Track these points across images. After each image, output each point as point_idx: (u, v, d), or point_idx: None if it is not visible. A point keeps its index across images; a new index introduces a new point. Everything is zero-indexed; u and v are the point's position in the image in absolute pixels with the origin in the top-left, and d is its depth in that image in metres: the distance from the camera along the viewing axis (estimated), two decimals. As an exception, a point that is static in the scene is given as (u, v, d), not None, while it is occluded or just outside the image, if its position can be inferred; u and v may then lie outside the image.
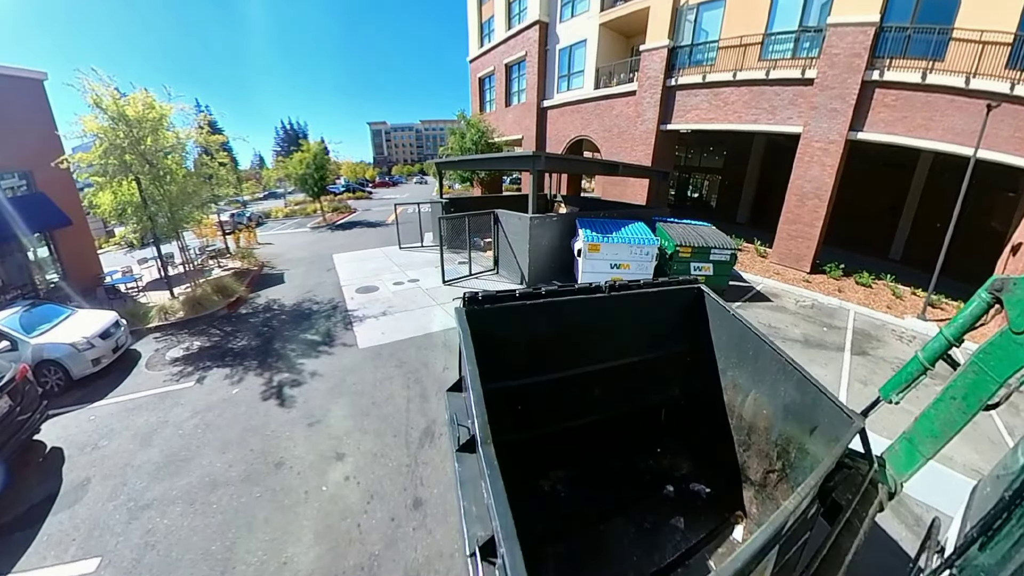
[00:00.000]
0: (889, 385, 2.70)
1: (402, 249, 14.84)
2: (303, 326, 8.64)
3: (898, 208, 15.31)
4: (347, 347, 7.40)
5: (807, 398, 2.77)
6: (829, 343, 8.19)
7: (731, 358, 3.50)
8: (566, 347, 3.50)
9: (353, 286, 10.89)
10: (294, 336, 8.20)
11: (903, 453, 2.48)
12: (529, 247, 9.65)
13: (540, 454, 3.61)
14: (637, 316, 3.66)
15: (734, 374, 3.47)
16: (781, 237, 13.06)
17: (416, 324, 8.00)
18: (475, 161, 13.27)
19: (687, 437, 4.03)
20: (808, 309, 10.05)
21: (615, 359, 3.70)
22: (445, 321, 8.10)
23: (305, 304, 10.04)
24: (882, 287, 11.30)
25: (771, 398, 3.09)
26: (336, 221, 24.20)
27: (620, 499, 3.57)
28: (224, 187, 10.98)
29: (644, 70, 14.86)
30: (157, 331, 9.07)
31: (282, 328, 8.70)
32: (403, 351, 6.95)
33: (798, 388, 2.84)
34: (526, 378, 3.38)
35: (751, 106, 12.93)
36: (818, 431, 2.72)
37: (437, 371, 6.23)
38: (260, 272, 13.68)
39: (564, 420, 3.70)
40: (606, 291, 3.46)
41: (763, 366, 3.13)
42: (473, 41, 25.78)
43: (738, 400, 3.41)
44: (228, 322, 9.40)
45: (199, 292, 10.50)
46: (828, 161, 11.86)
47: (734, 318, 3.34)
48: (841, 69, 11.20)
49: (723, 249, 9.37)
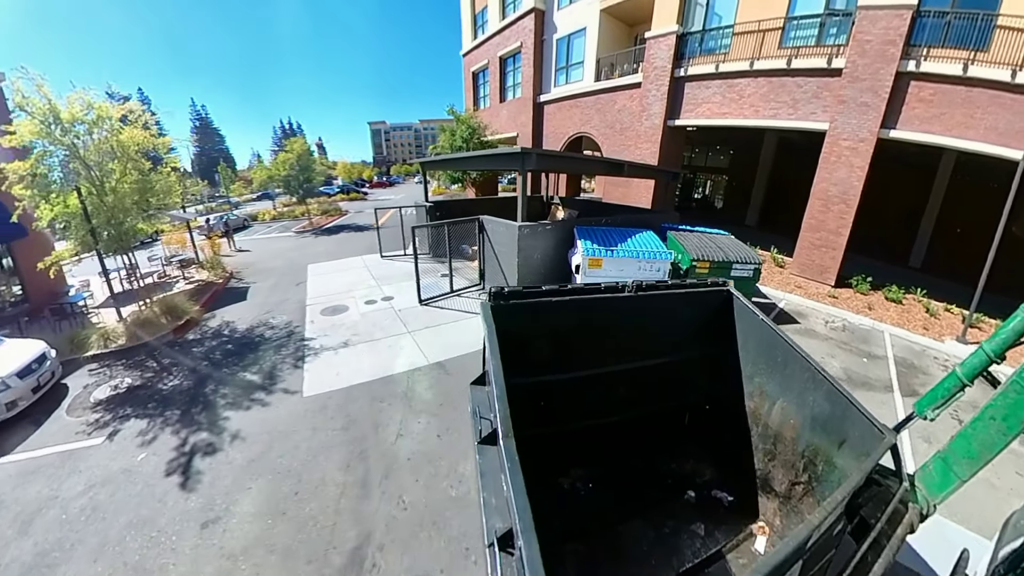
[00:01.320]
0: (925, 400, 2.62)
1: (384, 258, 13.56)
2: (247, 361, 7.35)
3: (918, 212, 14.08)
4: (289, 394, 6.09)
5: (837, 410, 2.68)
6: (874, 380, 6.87)
7: (759, 364, 3.37)
8: (590, 345, 3.45)
9: (319, 305, 9.61)
10: (233, 375, 6.92)
11: (937, 473, 2.38)
12: (518, 261, 8.33)
13: (562, 451, 3.58)
14: (662, 317, 3.56)
15: (761, 381, 3.35)
16: (803, 246, 11.69)
17: (378, 361, 6.70)
18: (459, 160, 11.97)
19: (711, 443, 3.91)
20: (840, 332, 8.73)
21: (639, 360, 3.61)
22: (412, 357, 6.82)
23: (259, 329, 8.76)
24: (913, 302, 10.18)
25: (799, 408, 3.00)
26: (323, 225, 22.93)
27: (640, 501, 3.52)
28: (172, 195, 9.77)
29: (650, 59, 13.45)
30: (95, 361, 7.90)
31: (223, 362, 7.43)
32: (355, 403, 5.65)
33: (828, 399, 2.74)
34: (549, 375, 3.35)
35: (770, 99, 11.54)
36: (847, 445, 2.63)
37: (388, 440, 4.87)
38: (224, 286, 12.43)
39: (586, 418, 3.65)
40: (632, 290, 3.36)
41: (792, 374, 3.02)
42: (466, 33, 24.38)
43: (764, 408, 3.31)
44: (170, 351, 8.18)
45: (147, 314, 9.30)
46: (857, 162, 10.50)
47: (763, 323, 3.22)
48: (873, 58, 9.84)
49: (746, 264, 8.04)
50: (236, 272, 14.06)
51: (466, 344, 7.14)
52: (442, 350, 6.93)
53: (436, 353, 6.82)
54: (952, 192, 13.36)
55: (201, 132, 68.13)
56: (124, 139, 8.60)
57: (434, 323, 8.11)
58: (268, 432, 5.33)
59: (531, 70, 18.08)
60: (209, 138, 68.56)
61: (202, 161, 61.14)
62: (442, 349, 6.96)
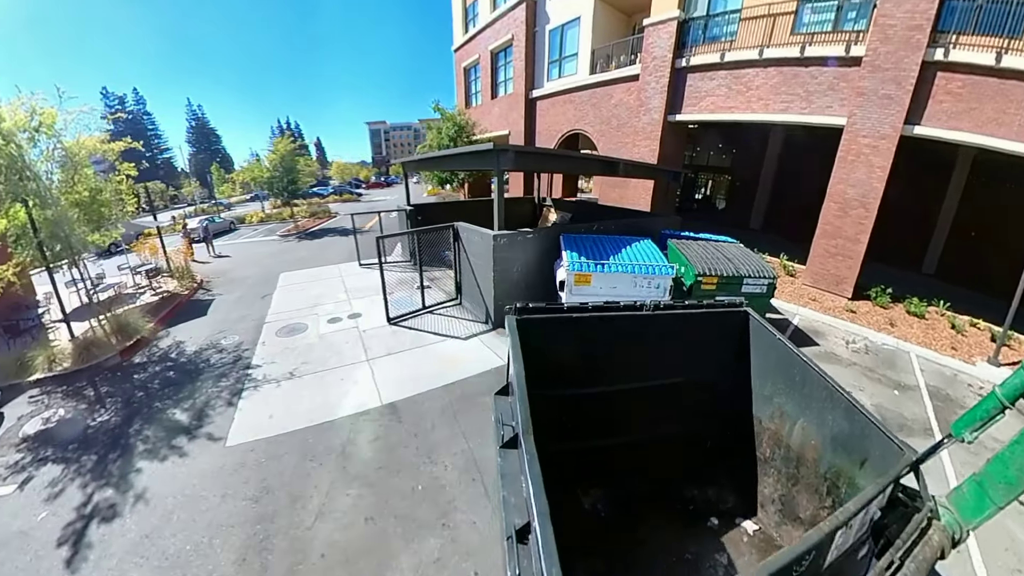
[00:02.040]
0: (962, 422, 2.44)
1: (362, 266, 12.60)
2: (182, 393, 6.42)
3: (932, 215, 13.09)
4: (212, 441, 5.12)
5: (856, 428, 2.61)
6: (909, 419, 5.83)
7: (778, 384, 3.32)
8: (610, 362, 3.48)
9: (278, 324, 8.65)
10: (163, 411, 6.01)
11: (971, 497, 2.22)
12: (494, 275, 7.31)
13: (583, 469, 3.58)
14: (679, 337, 3.57)
15: (781, 401, 3.30)
16: (817, 254, 10.60)
17: (323, 399, 5.68)
18: (434, 160, 10.97)
19: (734, 467, 3.79)
20: (863, 355, 7.68)
21: (658, 378, 3.63)
22: (364, 395, 5.76)
23: (207, 352, 7.82)
24: (935, 315, 9.25)
25: (819, 427, 2.92)
26: (309, 228, 22.00)
27: (661, 525, 3.48)
28: (127, 205, 9.00)
29: (648, 49, 12.37)
30: (37, 386, 7.08)
31: (159, 394, 6.53)
32: (279, 460, 4.63)
33: (846, 416, 2.67)
34: (569, 389, 3.38)
35: (780, 91, 10.46)
36: (868, 464, 2.54)
37: (304, 522, 3.78)
38: (189, 298, 11.55)
39: (607, 436, 3.65)
40: (650, 309, 3.42)
41: (810, 392, 2.97)
42: (457, 28, 23.37)
43: (785, 429, 3.25)
44: (111, 377, 7.32)
45: (99, 332, 8.51)
46: (877, 161, 9.44)
47: (780, 342, 3.21)
48: (897, 45, 8.79)
49: (758, 278, 7.00)
50: (206, 281, 13.20)
51: (428, 377, 6.15)
52: (399, 385, 5.95)
53: (392, 390, 5.84)
54: (969, 194, 12.37)
55: (197, 132, 67.61)
56: (71, 147, 7.89)
57: (399, 347, 7.10)
58: (175, 495, 4.38)
59: (523, 64, 17.04)
60: (205, 138, 67.98)
61: (199, 161, 60.56)
62: (400, 384, 5.98)
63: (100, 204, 9.14)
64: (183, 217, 31.87)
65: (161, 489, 4.50)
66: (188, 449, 5.17)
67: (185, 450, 5.15)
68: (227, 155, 71.49)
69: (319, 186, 48.61)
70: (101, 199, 9.00)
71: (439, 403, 5.34)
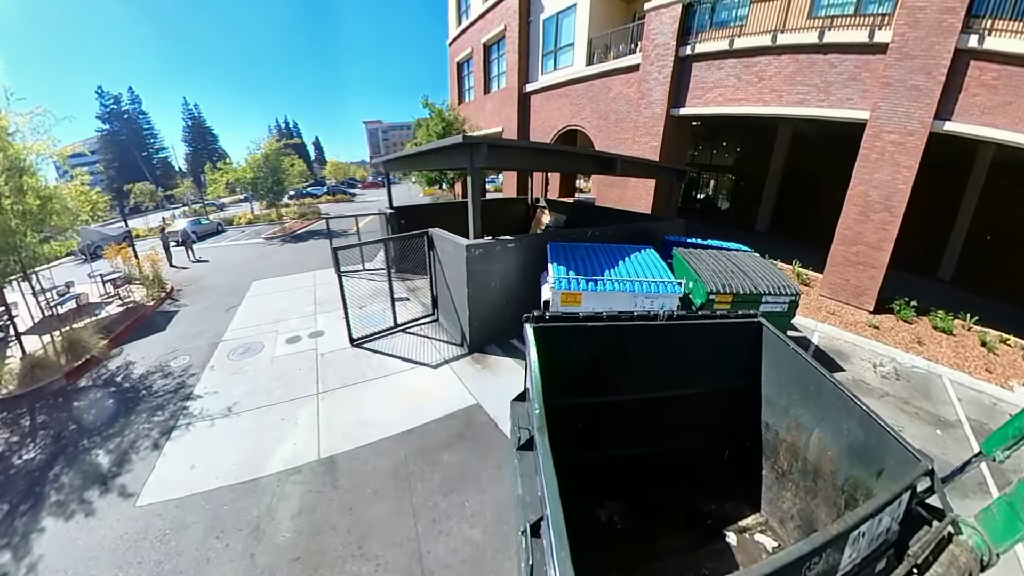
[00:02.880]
0: (993, 439, 2.40)
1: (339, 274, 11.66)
2: (113, 429, 5.60)
3: (949, 218, 12.18)
4: (123, 500, 4.24)
5: (871, 437, 2.57)
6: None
7: (794, 395, 3.26)
8: (624, 372, 3.47)
9: (234, 342, 7.77)
10: (88, 453, 5.23)
11: (1001, 518, 2.13)
12: (468, 292, 6.36)
13: (599, 481, 3.55)
14: (692, 348, 3.51)
15: (797, 412, 3.24)
16: (835, 262, 9.61)
17: (254, 447, 4.72)
18: (408, 159, 10.04)
19: (751, 481, 3.63)
20: (894, 382, 6.73)
21: (672, 389, 3.55)
22: (301, 444, 4.75)
23: (152, 377, 6.98)
24: (962, 330, 8.42)
25: (835, 437, 2.87)
26: (295, 231, 21.11)
27: (679, 540, 3.40)
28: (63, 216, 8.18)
29: (650, 36, 11.36)
30: None
31: (90, 430, 5.77)
32: (186, 532, 3.74)
33: (861, 425, 2.64)
34: (583, 398, 3.37)
35: (795, 82, 9.46)
36: (885, 474, 2.51)
37: None
38: (154, 309, 10.74)
39: (622, 446, 3.61)
40: (664, 319, 3.40)
41: (825, 402, 2.94)
42: (451, 21, 22.36)
43: (802, 441, 3.17)
44: (52, 404, 6.55)
45: (49, 351, 7.79)
46: (904, 160, 8.47)
47: (795, 353, 3.17)
48: (927, 30, 7.83)
49: (779, 295, 6.04)
50: (177, 290, 12.38)
51: (381, 422, 5.07)
52: (345, 432, 4.98)
53: (335, 437, 4.86)
54: (987, 196, 11.46)
55: (194, 131, 66.72)
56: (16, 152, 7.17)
57: (356, 377, 6.12)
58: (67, 570, 3.57)
59: (516, 56, 16.04)
60: (201, 137, 67.11)
61: (197, 161, 59.82)
62: (346, 430, 5.01)
63: (51, 213, 8.44)
64: (172, 218, 31.14)
65: (56, 560, 3.71)
66: (98, 506, 4.37)
67: (94, 507, 4.36)
68: (224, 154, 70.73)
69: (314, 186, 47.76)
70: (51, 207, 8.27)
71: (389, 460, 4.39)
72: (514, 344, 6.91)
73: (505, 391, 5.57)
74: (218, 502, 4.02)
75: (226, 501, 3.99)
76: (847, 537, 1.85)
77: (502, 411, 5.17)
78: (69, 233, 9.14)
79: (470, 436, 4.66)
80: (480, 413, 5.04)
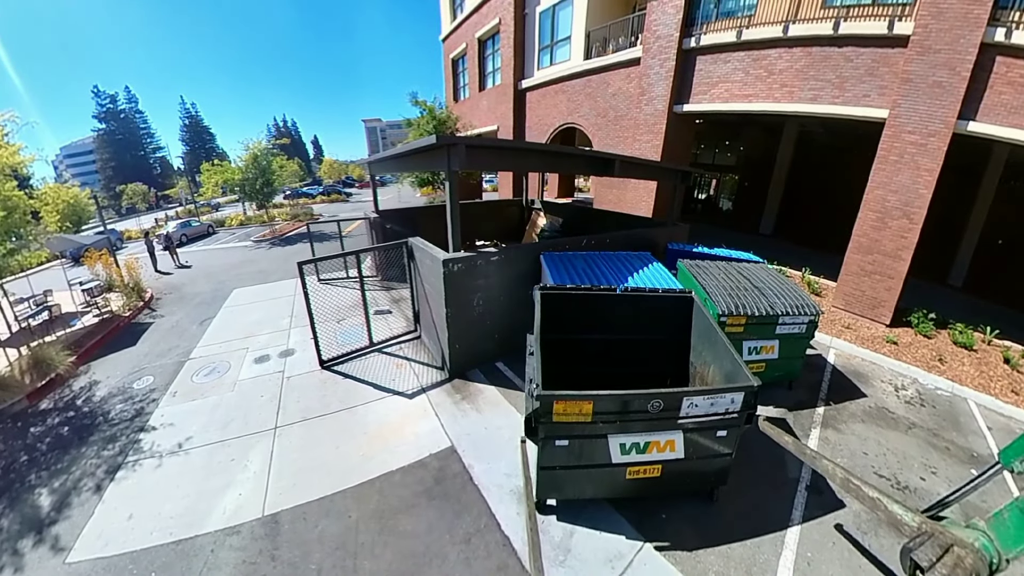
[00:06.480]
0: (1011, 450, 2.44)
1: (321, 282, 11.10)
2: (62, 463, 5.11)
3: (960, 222, 11.60)
4: (53, 555, 3.73)
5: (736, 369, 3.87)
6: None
7: (704, 344, 4.73)
8: (596, 322, 5.13)
9: (201, 361, 7.22)
10: (32, 491, 4.71)
11: (1013, 524, 2.16)
12: (447, 311, 5.73)
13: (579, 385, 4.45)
14: (644, 310, 5.14)
15: (706, 355, 4.67)
16: (849, 271, 8.96)
17: (197, 494, 4.15)
18: (386, 161, 9.42)
19: None
20: (919, 409, 6.12)
21: (629, 335, 5.18)
22: (247, 495, 4.18)
23: (112, 402, 6.45)
24: (983, 344, 7.87)
25: (720, 369, 4.28)
26: (285, 233, 20.55)
27: None
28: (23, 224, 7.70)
29: (651, 28, 10.67)
30: None
31: (40, 462, 5.29)
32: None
33: (731, 363, 4.01)
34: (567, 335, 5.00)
35: (808, 76, 8.78)
36: None
37: None
38: (129, 320, 10.23)
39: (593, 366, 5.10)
40: (620, 292, 5.11)
41: (718, 349, 4.34)
42: (445, 15, 21.63)
43: (707, 372, 4.58)
44: (9, 430, 6.08)
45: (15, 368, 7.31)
46: (925, 163, 7.81)
47: (707, 318, 4.69)
48: (951, 22, 7.17)
49: (798, 316, 5.42)
50: (156, 298, 11.86)
51: (339, 469, 4.46)
52: (296, 480, 4.31)
53: (284, 490, 4.18)
54: (1001, 199, 10.88)
55: (191, 131, 66.18)
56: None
57: (319, 409, 5.49)
58: None
59: (511, 51, 15.34)
60: (199, 136, 66.55)
61: (195, 160, 59.30)
62: (298, 478, 4.34)
63: (13, 224, 7.92)
64: (166, 219, 30.64)
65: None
66: (28, 561, 3.87)
67: (24, 563, 3.85)
68: (224, 154, 70.19)
69: (310, 185, 47.19)
70: (12, 220, 7.75)
71: (340, 522, 3.77)
72: (500, 369, 6.28)
73: (484, 431, 5.02)
74: (146, 567, 3.45)
75: (155, 566, 3.42)
76: (683, 398, 3.42)
77: (479, 457, 4.61)
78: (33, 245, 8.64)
79: (439, 493, 4.04)
80: (454, 461, 4.40)
